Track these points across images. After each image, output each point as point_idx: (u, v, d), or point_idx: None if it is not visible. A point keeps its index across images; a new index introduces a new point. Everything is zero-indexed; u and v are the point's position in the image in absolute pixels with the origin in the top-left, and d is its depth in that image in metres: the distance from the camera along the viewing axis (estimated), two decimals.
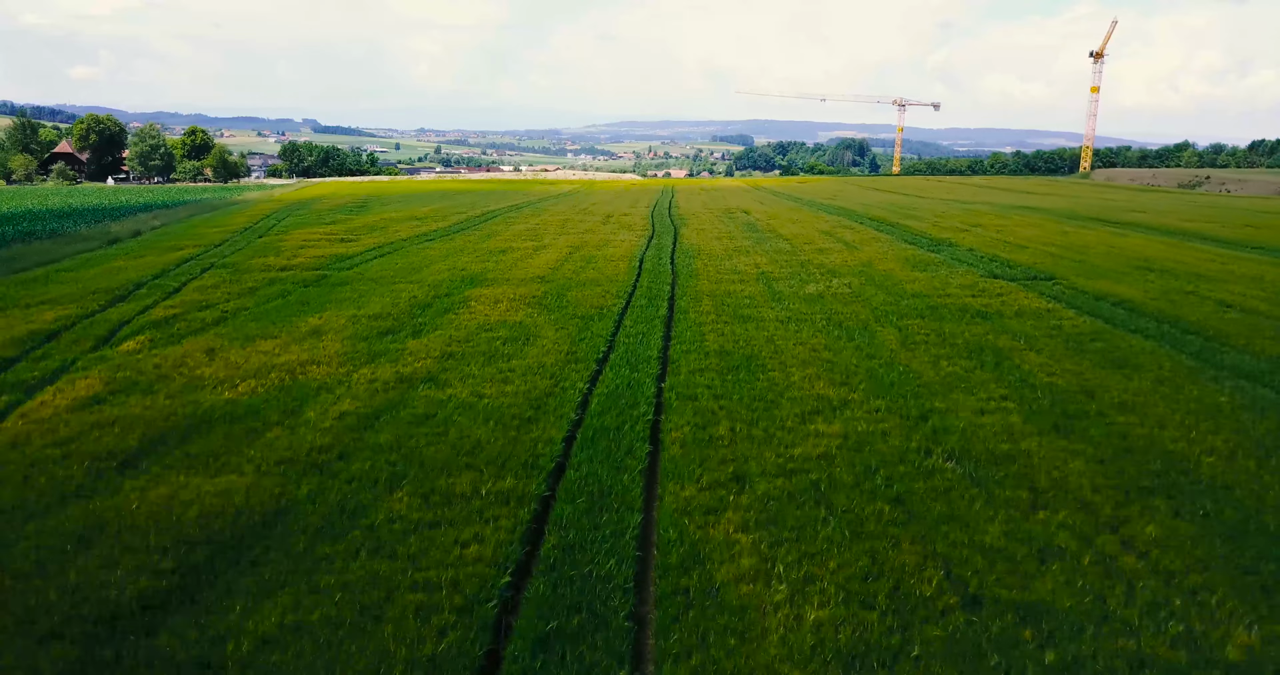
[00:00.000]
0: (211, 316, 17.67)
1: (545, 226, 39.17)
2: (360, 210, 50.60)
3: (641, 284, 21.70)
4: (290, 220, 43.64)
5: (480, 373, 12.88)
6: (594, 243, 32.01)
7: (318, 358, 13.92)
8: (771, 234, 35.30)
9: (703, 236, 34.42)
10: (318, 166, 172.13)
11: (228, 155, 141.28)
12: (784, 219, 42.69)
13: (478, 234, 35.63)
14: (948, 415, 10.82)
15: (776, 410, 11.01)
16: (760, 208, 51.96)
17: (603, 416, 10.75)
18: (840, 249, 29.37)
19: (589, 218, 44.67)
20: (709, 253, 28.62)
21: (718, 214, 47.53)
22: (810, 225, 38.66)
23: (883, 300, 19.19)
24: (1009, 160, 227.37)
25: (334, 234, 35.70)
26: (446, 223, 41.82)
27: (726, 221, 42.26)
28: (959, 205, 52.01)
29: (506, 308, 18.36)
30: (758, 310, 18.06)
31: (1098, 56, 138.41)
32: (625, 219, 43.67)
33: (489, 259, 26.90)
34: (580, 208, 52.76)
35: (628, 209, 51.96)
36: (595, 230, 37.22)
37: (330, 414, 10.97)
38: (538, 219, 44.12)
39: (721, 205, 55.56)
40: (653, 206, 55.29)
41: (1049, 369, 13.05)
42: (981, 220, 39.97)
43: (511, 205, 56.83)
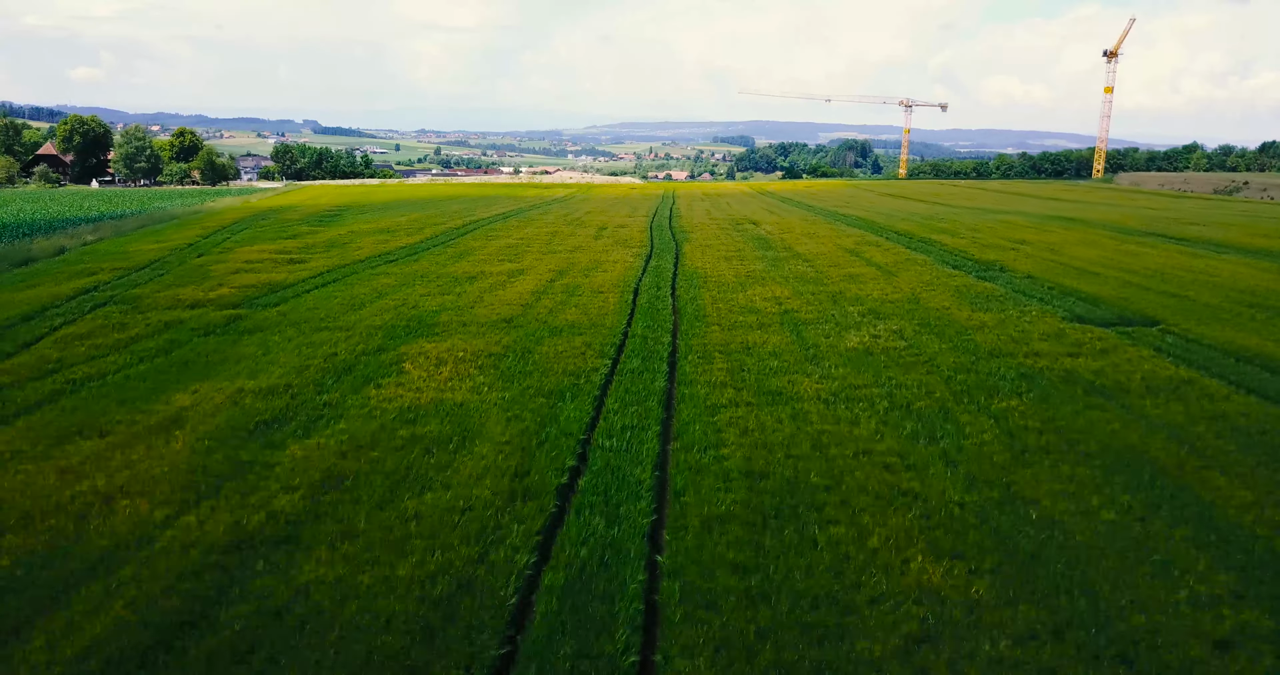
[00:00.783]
0: (45, 389, 12.87)
1: (530, 242, 34.38)
2: (331, 220, 45.81)
3: (635, 330, 16.90)
4: (246, 234, 38.87)
5: (367, 527, 8.06)
6: (582, 265, 27.23)
7: (140, 483, 9.13)
8: (788, 252, 30.50)
9: (708, 256, 29.62)
10: (311, 168, 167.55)
11: (216, 157, 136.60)
12: (799, 232, 37.87)
13: (450, 252, 30.84)
14: (1160, 647, 6.01)
15: (858, 639, 6.18)
16: (771, 218, 47.14)
17: (551, 648, 5.97)
18: (874, 275, 24.55)
19: (581, 230, 39.88)
20: (718, 280, 23.81)
21: (724, 225, 42.74)
22: (831, 241, 33.84)
23: (953, 361, 14.37)
24: (1015, 162, 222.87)
25: (285, 252, 30.92)
26: (420, 236, 37.05)
27: (734, 235, 37.47)
28: (989, 215, 47.16)
29: (450, 374, 13.56)
30: (790, 380, 13.24)
31: (1111, 55, 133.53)
32: (621, 232, 38.90)
33: (452, 290, 22.09)
34: (573, 217, 47.97)
35: (625, 218, 47.18)
36: (586, 247, 32.44)
37: (61, 649, 6.16)
38: (524, 231, 39.34)
39: (727, 214, 50.74)
40: (652, 215, 50.50)
41: (1273, 521, 8.23)
42: (1023, 235, 35.13)
43: (499, 213, 52.05)
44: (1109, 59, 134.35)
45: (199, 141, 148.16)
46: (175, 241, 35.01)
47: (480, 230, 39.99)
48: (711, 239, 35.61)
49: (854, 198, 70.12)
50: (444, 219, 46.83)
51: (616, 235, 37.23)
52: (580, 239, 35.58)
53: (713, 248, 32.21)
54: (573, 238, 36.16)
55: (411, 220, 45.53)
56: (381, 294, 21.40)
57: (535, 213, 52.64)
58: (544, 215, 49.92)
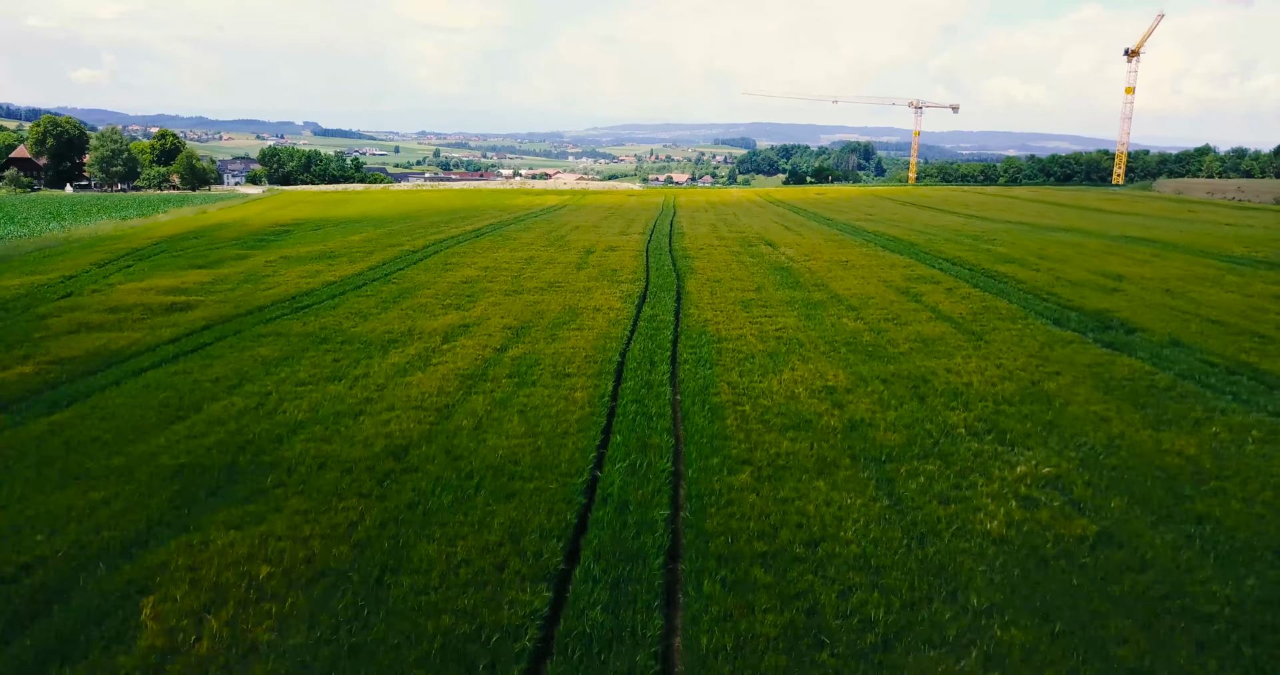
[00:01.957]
0: None
1: (495, 274, 27.30)
2: (270, 241, 38.72)
3: (608, 482, 9.78)
4: (158, 259, 31.83)
5: None
6: (552, 314, 20.16)
7: None
8: (823, 292, 23.40)
9: (721, 299, 22.52)
10: (300, 172, 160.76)
11: (196, 161, 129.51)
12: (827, 257, 30.74)
13: (387, 290, 23.73)
14: None
15: None
16: (788, 236, 39.98)
17: None
18: (955, 338, 17.42)
19: (563, 255, 32.77)
20: (736, 347, 16.69)
21: (733, 246, 35.62)
22: (872, 274, 26.72)
23: (1220, 591, 7.26)
24: (1023, 165, 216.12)
25: (178, 291, 23.88)
26: (364, 263, 29.98)
27: (748, 261, 30.38)
28: (1043, 233, 39.98)
29: (208, 651, 6.45)
30: (920, 654, 6.16)
31: (1133, 54, 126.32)
32: (611, 257, 31.80)
33: (349, 370, 14.99)
34: (557, 235, 40.84)
35: (617, 237, 40.06)
36: (564, 283, 25.35)
37: None
38: (494, 256, 32.24)
39: (735, 230, 43.60)
40: (649, 232, 43.40)
41: None
42: (1111, 265, 27.98)
43: (474, 229, 44.95)
44: (1130, 58, 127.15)
45: (181, 144, 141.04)
46: (55, 272, 27.94)
47: (441, 255, 32.86)
48: (721, 268, 28.50)
49: (873, 208, 62.92)
50: (406, 237, 39.72)
51: (605, 263, 30.12)
52: (559, 269, 28.47)
53: (724, 284, 25.11)
54: (550, 267, 29.04)
55: (365, 240, 38.42)
56: (241, 380, 14.28)
57: (516, 228, 45.48)
58: (525, 232, 42.75)
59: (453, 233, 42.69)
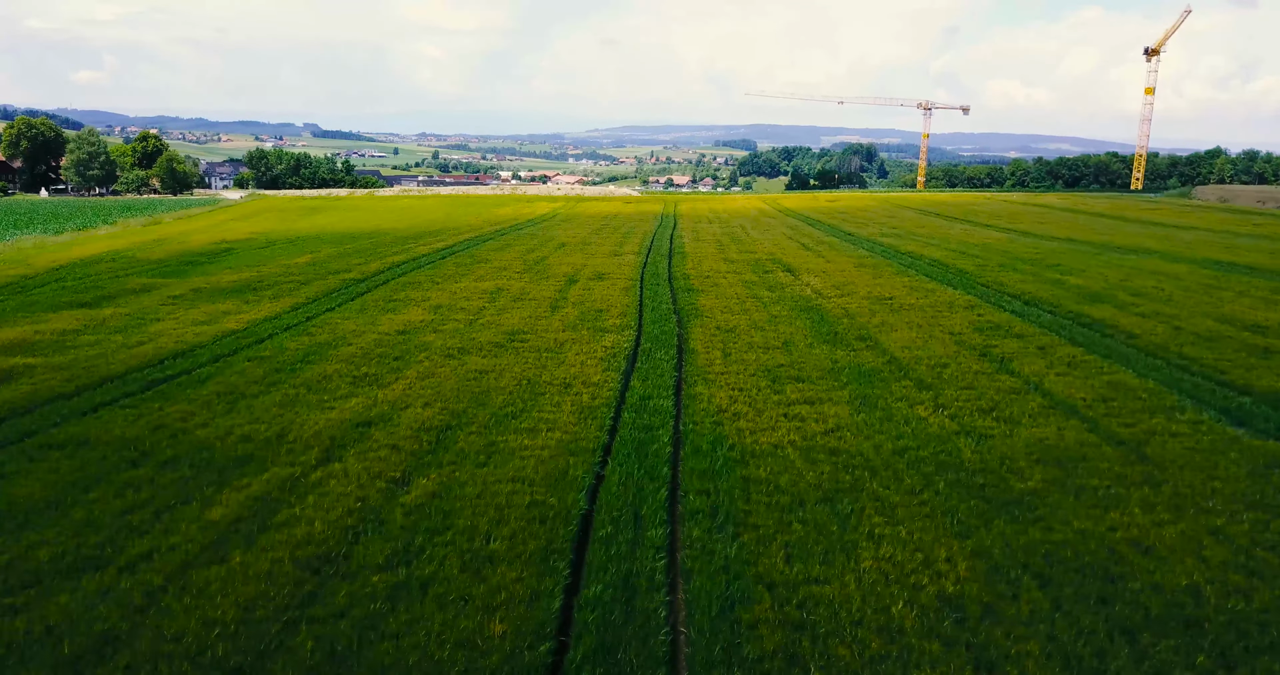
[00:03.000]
0: None
1: (443, 320, 21.16)
2: (199, 266, 32.62)
3: None
4: (38, 294, 25.74)
5: None
6: (499, 399, 14.04)
7: None
8: (873, 351, 17.27)
9: (736, 362, 16.42)
10: (288, 175, 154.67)
11: (177, 164, 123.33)
12: (865, 293, 24.60)
13: (286, 354, 17.56)
14: None
15: None
16: (809, 259, 33.81)
17: None
18: (1105, 455, 11.22)
19: (539, 286, 26.66)
20: (772, 474, 10.53)
21: (746, 274, 29.50)
22: (929, 317, 20.58)
23: None
24: (1030, 167, 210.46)
25: (19, 346, 17.77)
26: (288, 301, 23.89)
27: (767, 299, 24.27)
28: (1113, 255, 33.70)
29: None
30: None
31: (1153, 53, 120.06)
32: (597, 290, 25.68)
33: (94, 567, 8.87)
34: (538, 258, 34.70)
35: (608, 258, 33.92)
36: (529, 335, 19.23)
37: None
38: (453, 287, 26.16)
39: (746, 250, 37.43)
40: (646, 250, 37.26)
41: None
42: (1236, 309, 21.77)
43: (446, 246, 38.84)
44: (1149, 57, 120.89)
45: (163, 145, 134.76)
46: None
47: (389, 286, 26.75)
48: (734, 309, 22.34)
49: (895, 219, 56.70)
50: (361, 258, 33.61)
51: (588, 298, 23.98)
52: (528, 309, 22.34)
53: (739, 335, 18.96)
54: (519, 306, 22.92)
55: (311, 263, 32.31)
56: None
57: (493, 246, 39.33)
58: (502, 251, 36.58)
59: (419, 251, 36.58)
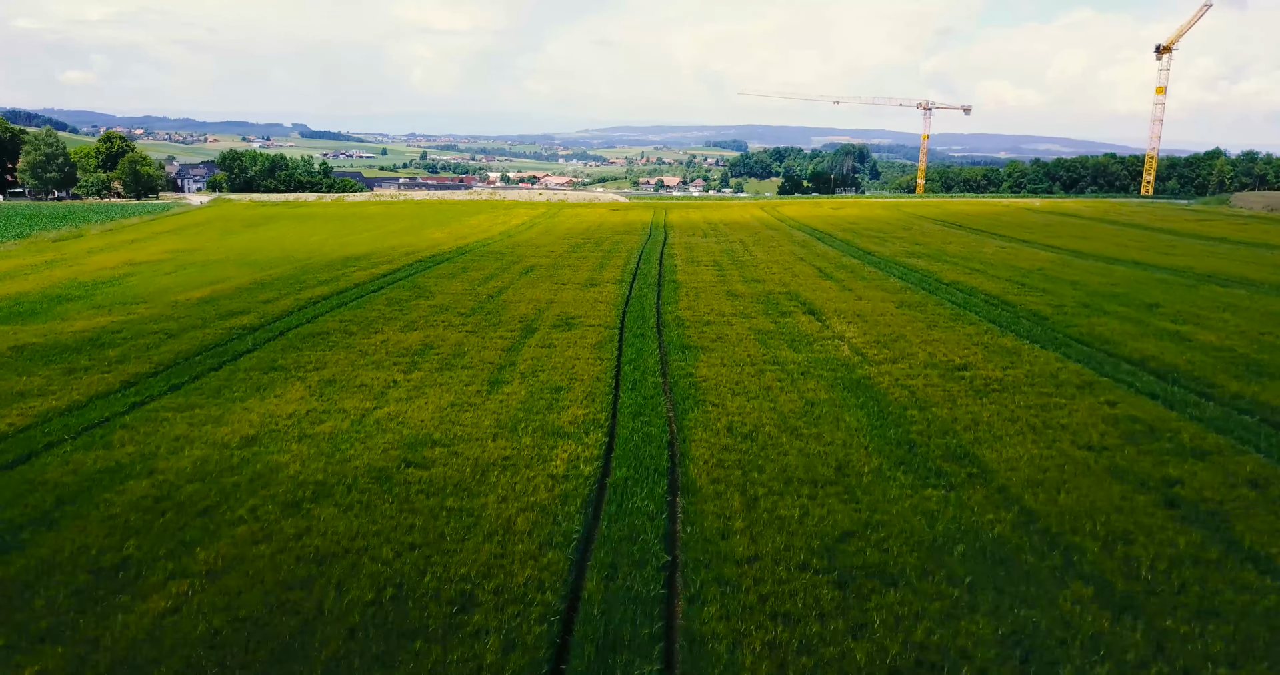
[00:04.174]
0: None
1: (335, 401, 14.30)
2: (54, 308, 25.68)
3: None
4: None
5: None
6: (368, 582, 7.20)
7: None
8: (982, 487, 10.52)
9: (763, 504, 9.69)
10: (263, 177, 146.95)
11: (142, 166, 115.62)
12: (925, 356, 17.83)
13: (29, 503, 10.70)
14: None
15: None
16: (834, 294, 26.98)
17: None
18: None
19: (488, 335, 19.78)
20: None
21: (756, 317, 22.69)
22: (1031, 401, 13.84)
23: None
24: (1028, 169, 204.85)
25: None
26: (131, 368, 16.97)
27: (790, 363, 17.48)
28: (1214, 288, 27.00)
29: None
30: None
31: (1164, 51, 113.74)
32: (560, 347, 18.80)
33: None
34: (496, 288, 27.82)
35: (582, 291, 27.04)
36: (452, 433, 12.40)
37: None
38: (373, 340, 19.27)
39: (753, 278, 30.57)
40: (630, 278, 30.41)
41: None
42: None
43: (389, 272, 31.91)
44: (1161, 54, 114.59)
45: (129, 146, 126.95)
46: None
47: (268, 349, 19.78)
48: (750, 389, 15.50)
49: (914, 232, 49.92)
50: (255, 300, 26.62)
51: (543, 366, 17.11)
52: (452, 391, 15.44)
53: (764, 451, 12.14)
54: (438, 387, 16.02)
55: (180, 310, 25.34)
56: None
57: (442, 272, 32.32)
58: (451, 280, 29.56)
59: (355, 278, 29.67)
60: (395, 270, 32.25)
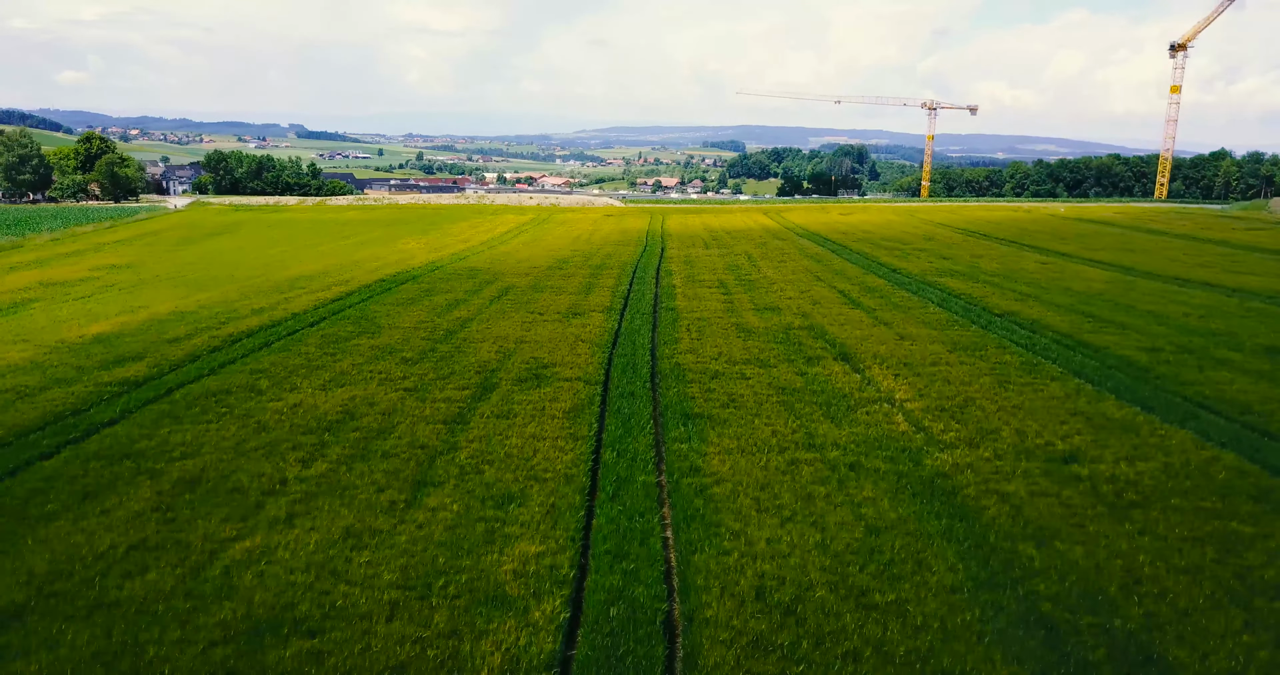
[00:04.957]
0: None
1: (171, 534, 9.55)
2: None
3: None
4: None
5: None
6: None
7: None
8: None
9: None
10: (249, 179, 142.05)
11: (119, 168, 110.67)
12: (1010, 435, 13.16)
13: None
14: None
15: None
16: (865, 328, 22.20)
17: None
18: None
19: (430, 392, 15.03)
20: None
21: (776, 363, 17.95)
22: (1193, 530, 9.15)
23: None
24: (1030, 170, 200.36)
25: None
26: None
27: (832, 444, 12.77)
28: None
29: None
30: None
31: (1179, 48, 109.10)
32: (522, 416, 14.05)
33: None
34: (457, 321, 23.07)
35: (561, 324, 22.27)
36: (316, 608, 7.67)
37: None
38: (286, 401, 14.55)
39: (766, 306, 25.80)
40: (621, 305, 25.65)
41: None
42: None
43: (339, 296, 27.17)
44: (1175, 53, 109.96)
45: (110, 147, 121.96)
46: None
47: (123, 428, 15.03)
48: (783, 500, 10.77)
49: (937, 243, 45.21)
50: (150, 341, 21.87)
51: (492, 453, 12.36)
52: (353, 510, 10.70)
53: (817, 630, 7.45)
54: (331, 504, 11.30)
55: (40, 361, 20.60)
56: None
57: (400, 297, 27.56)
58: (407, 308, 24.79)
59: (295, 306, 24.93)
60: (347, 294, 27.47)
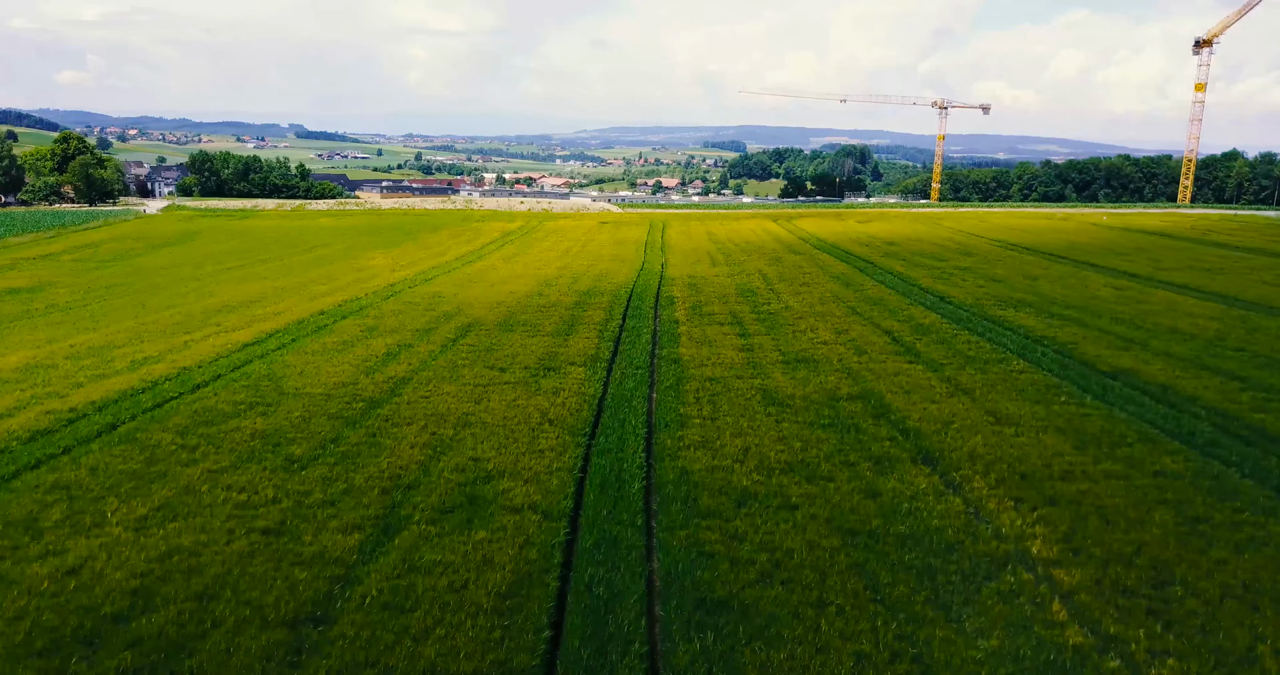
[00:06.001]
0: None
1: None
2: None
3: None
4: None
5: None
6: None
7: None
8: None
9: None
10: (236, 180, 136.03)
11: (94, 169, 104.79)
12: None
13: None
14: None
15: None
16: (941, 402, 16.24)
17: None
18: None
19: (285, 567, 9.19)
20: None
21: (825, 452, 12.08)
22: None
23: None
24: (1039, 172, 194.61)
25: None
26: None
27: (959, 665, 6.87)
28: None
29: None
30: None
31: (1204, 44, 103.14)
32: (423, 594, 8.23)
33: None
34: (388, 385, 17.17)
35: (526, 388, 16.37)
36: None
37: None
38: None
39: (797, 356, 19.80)
40: (609, 354, 19.73)
41: None
42: None
43: (248, 343, 21.28)
44: (1199, 49, 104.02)
45: (87, 147, 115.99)
46: None
47: None
48: None
49: (977, 258, 39.25)
50: None
51: None
52: None
53: None
54: None
55: None
56: None
57: (323, 344, 21.59)
58: (296, 382, 18.85)
59: (185, 359, 19.07)
60: (268, 334, 21.53)
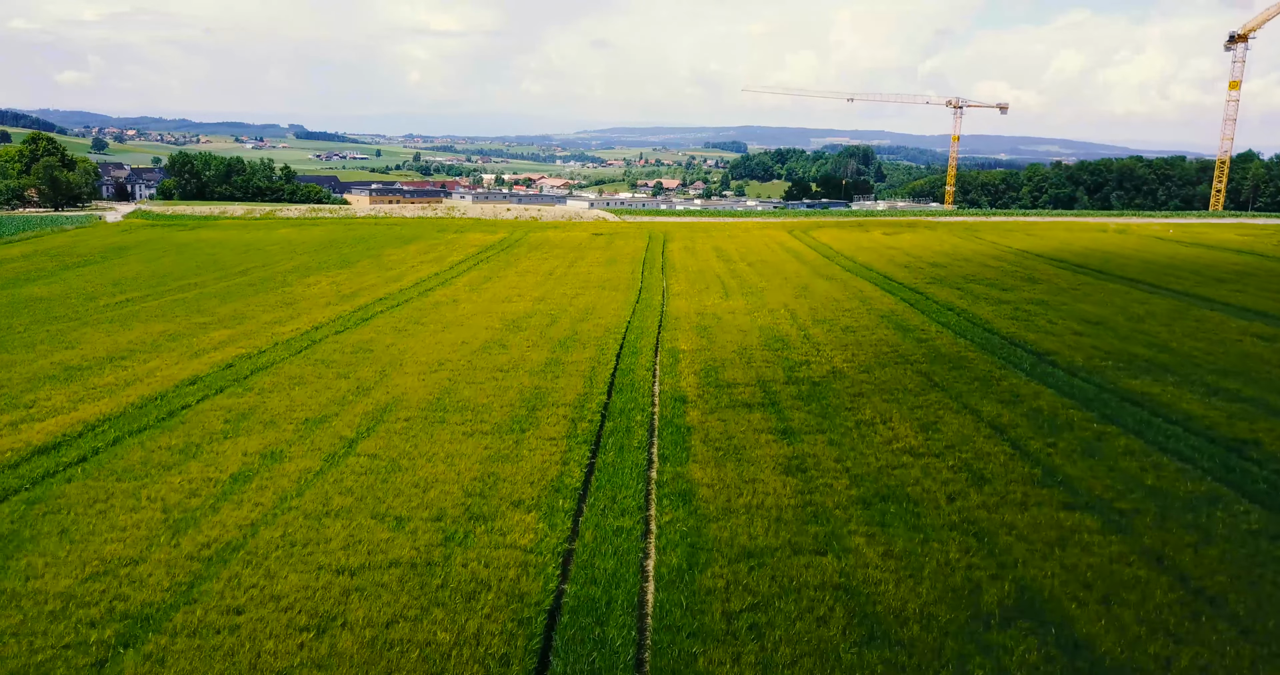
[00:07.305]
0: None
1: None
2: None
3: None
4: None
5: None
6: None
7: None
8: None
9: None
10: (218, 182, 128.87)
11: (60, 172, 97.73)
12: None
13: None
14: None
15: None
16: (1193, 643, 9.14)
17: None
18: None
19: None
20: None
21: None
22: None
23: None
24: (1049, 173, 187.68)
25: None
26: None
27: None
28: None
29: None
30: None
31: (1240, 39, 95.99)
32: None
33: None
34: (216, 547, 10.09)
35: (392, 641, 9.41)
36: None
37: None
38: None
39: (869, 471, 12.74)
40: (584, 471, 12.66)
41: None
42: None
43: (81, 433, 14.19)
44: (1233, 45, 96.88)
45: (57, 149, 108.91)
46: None
47: None
48: None
49: (1049, 289, 32.03)
50: None
51: None
52: None
53: None
54: None
55: None
56: None
57: (98, 484, 14.47)
58: (27, 587, 11.83)
59: None
60: (60, 441, 14.29)
